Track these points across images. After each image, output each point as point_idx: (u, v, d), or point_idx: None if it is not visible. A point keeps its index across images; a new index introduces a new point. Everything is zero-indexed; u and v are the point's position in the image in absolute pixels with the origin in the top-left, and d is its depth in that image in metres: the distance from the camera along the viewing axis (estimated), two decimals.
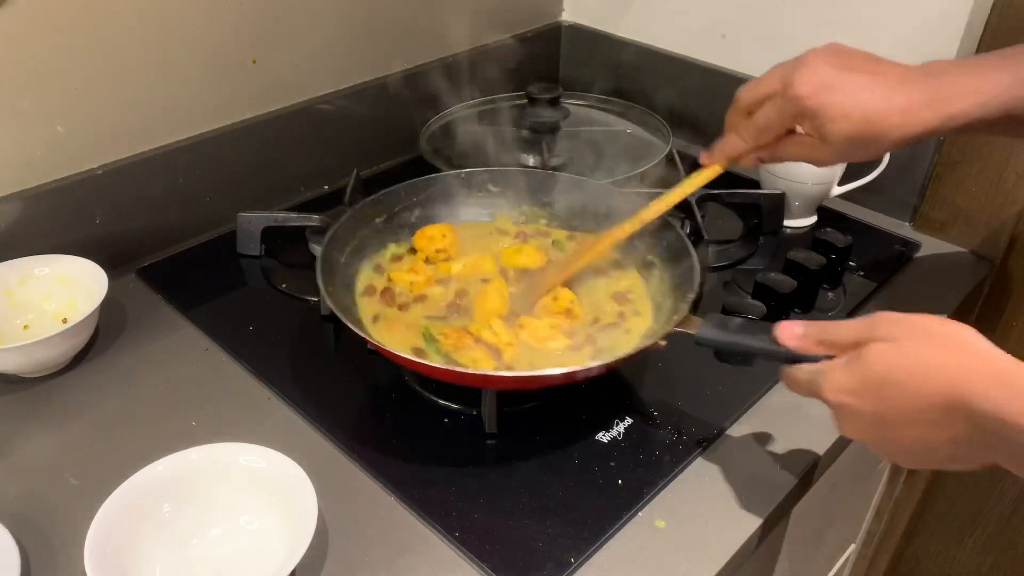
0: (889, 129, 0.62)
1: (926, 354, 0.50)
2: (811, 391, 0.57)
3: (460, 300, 0.78)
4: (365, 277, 0.80)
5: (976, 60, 0.64)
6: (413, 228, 0.86)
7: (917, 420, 0.50)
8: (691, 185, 0.73)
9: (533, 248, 0.85)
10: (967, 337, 0.50)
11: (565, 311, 0.76)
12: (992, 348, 0.49)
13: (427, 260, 0.83)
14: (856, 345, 0.54)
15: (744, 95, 0.68)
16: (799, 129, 0.67)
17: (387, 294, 0.78)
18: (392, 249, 0.84)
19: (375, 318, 0.76)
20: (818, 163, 0.68)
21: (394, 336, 0.73)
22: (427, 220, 0.87)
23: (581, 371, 0.64)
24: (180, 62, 0.89)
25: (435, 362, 0.69)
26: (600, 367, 0.64)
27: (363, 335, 0.67)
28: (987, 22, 0.89)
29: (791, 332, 0.59)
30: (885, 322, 0.53)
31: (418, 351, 0.71)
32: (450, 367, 0.67)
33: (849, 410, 0.54)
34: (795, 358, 0.59)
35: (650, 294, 0.79)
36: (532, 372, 0.69)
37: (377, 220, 0.84)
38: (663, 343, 0.66)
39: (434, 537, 0.62)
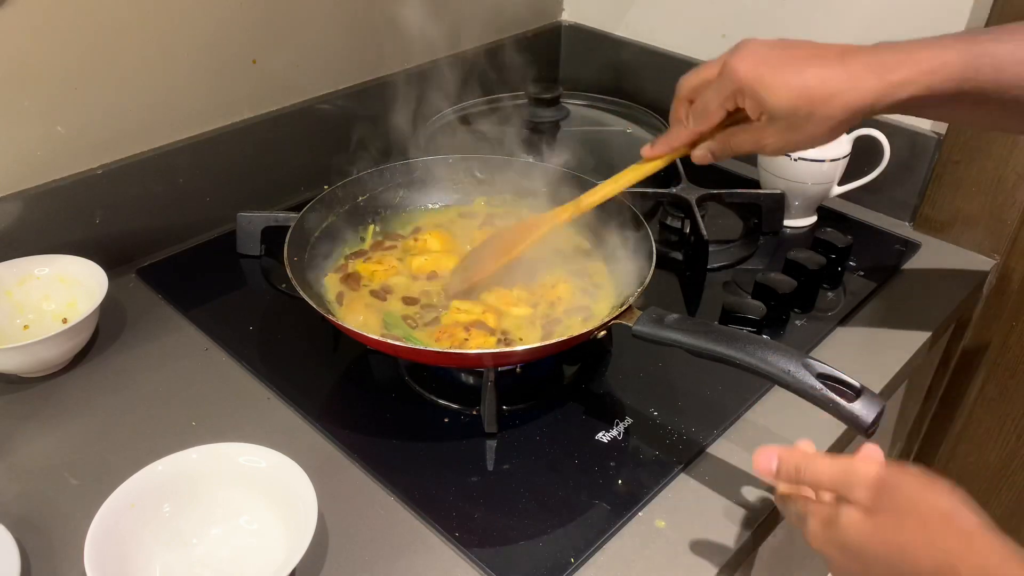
0: (831, 96, 0.59)
1: (904, 535, 0.47)
2: (799, 527, 0.55)
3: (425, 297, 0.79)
4: (336, 258, 0.83)
5: (931, 37, 0.61)
6: (396, 209, 0.89)
7: None
8: (631, 177, 0.72)
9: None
10: (948, 510, 0.47)
11: (549, 303, 0.77)
12: (977, 524, 0.46)
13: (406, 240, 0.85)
14: (832, 492, 0.52)
15: (684, 83, 0.67)
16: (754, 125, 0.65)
17: (352, 279, 0.80)
18: (372, 229, 0.86)
19: (338, 296, 0.78)
20: (767, 150, 0.65)
21: (355, 315, 0.75)
22: (410, 202, 0.90)
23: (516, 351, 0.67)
24: (180, 62, 0.89)
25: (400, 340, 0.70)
26: (529, 350, 0.67)
27: (321, 310, 0.68)
28: (987, 21, 0.89)
29: (766, 466, 0.56)
30: (861, 482, 0.49)
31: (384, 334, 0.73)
32: (407, 344, 0.68)
33: (835, 564, 0.52)
34: (732, 363, 0.60)
35: (615, 286, 0.80)
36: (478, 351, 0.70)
37: (360, 199, 0.86)
38: (602, 333, 0.68)
39: (434, 537, 0.62)
